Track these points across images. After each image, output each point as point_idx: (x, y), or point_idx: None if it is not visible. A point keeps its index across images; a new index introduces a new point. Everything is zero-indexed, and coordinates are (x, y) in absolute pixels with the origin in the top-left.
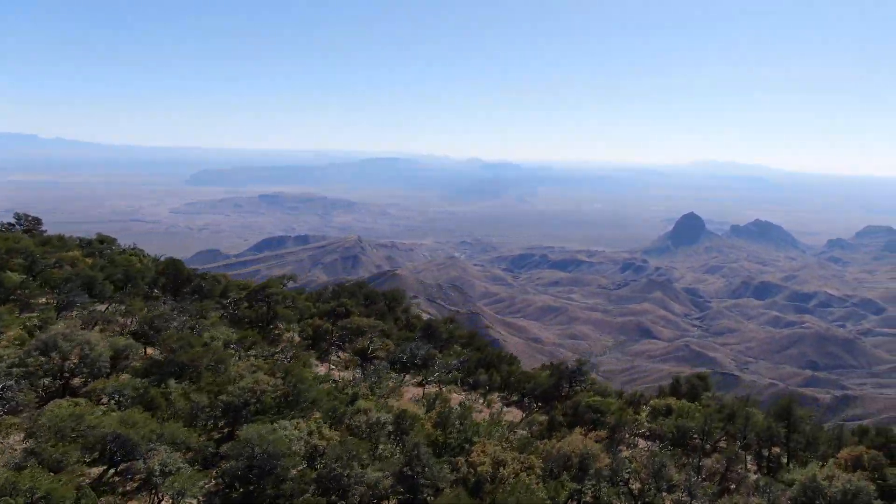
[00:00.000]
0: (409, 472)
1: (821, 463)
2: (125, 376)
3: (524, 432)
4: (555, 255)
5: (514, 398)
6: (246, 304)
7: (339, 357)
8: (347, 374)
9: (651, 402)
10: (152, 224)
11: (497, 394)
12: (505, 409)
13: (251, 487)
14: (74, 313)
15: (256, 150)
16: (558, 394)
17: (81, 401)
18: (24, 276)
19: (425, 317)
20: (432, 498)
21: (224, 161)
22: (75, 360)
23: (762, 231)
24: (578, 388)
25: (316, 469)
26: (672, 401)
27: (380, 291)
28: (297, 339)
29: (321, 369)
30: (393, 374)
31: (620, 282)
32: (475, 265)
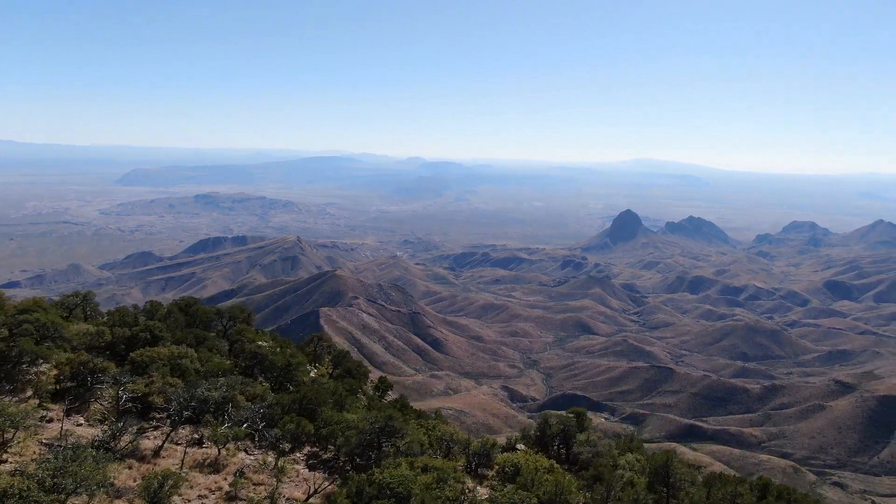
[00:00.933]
0: None
1: None
2: None
3: None
4: (496, 254)
5: (329, 454)
6: None
7: (102, 406)
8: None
9: (498, 458)
10: (80, 226)
11: (308, 449)
12: (308, 473)
13: None
14: None
15: (190, 149)
16: (378, 449)
17: None
18: None
19: (364, 316)
20: None
21: (157, 160)
22: None
23: (695, 227)
24: (391, 446)
25: None
26: (523, 457)
27: (216, 308)
28: (48, 382)
29: (65, 425)
30: (156, 431)
31: (560, 279)
32: (417, 264)
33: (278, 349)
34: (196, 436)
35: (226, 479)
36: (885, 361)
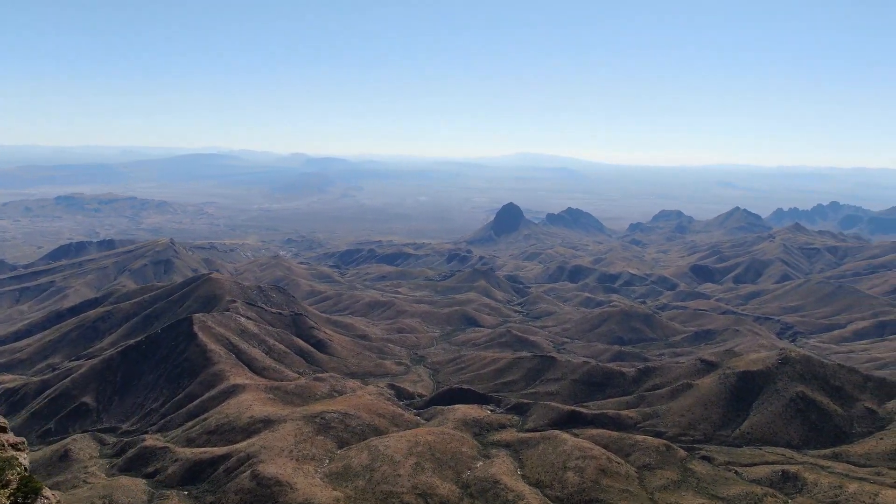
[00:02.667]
0: None
1: None
2: None
3: None
4: (382, 250)
5: None
6: None
7: None
8: None
9: None
10: None
11: None
12: None
13: None
14: None
15: (49, 148)
16: None
17: None
18: None
19: (243, 320)
20: None
21: (10, 159)
22: None
23: (574, 218)
24: None
25: None
26: None
27: None
28: None
29: None
30: None
31: (446, 273)
32: (301, 263)
33: None
34: None
35: None
36: (744, 338)
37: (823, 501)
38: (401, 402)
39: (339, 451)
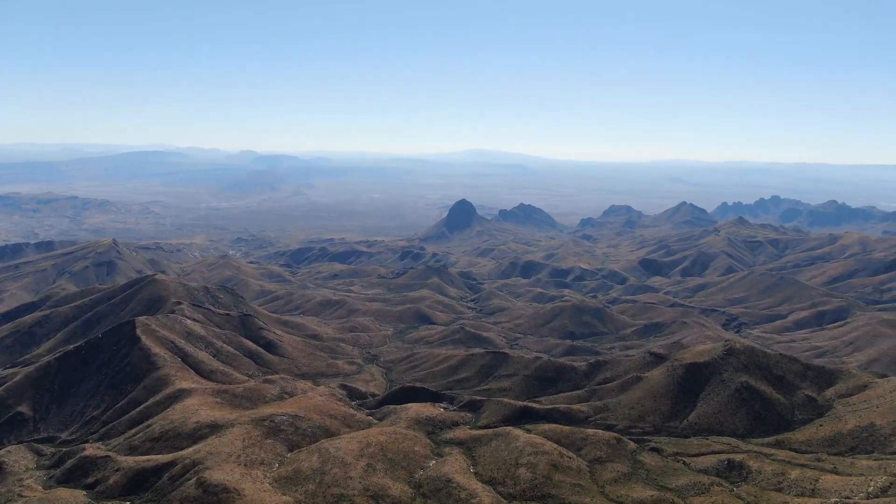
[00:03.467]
0: None
1: None
2: None
3: None
4: (335, 248)
5: None
6: None
7: None
8: None
9: None
10: None
11: None
12: None
13: None
14: None
15: None
16: None
17: None
18: None
19: (189, 322)
20: None
21: None
22: None
23: (526, 214)
24: None
25: None
26: None
27: None
28: None
29: None
30: None
31: (399, 270)
32: (251, 263)
33: None
34: None
35: None
36: (691, 330)
37: (767, 489)
38: (353, 403)
39: (289, 455)
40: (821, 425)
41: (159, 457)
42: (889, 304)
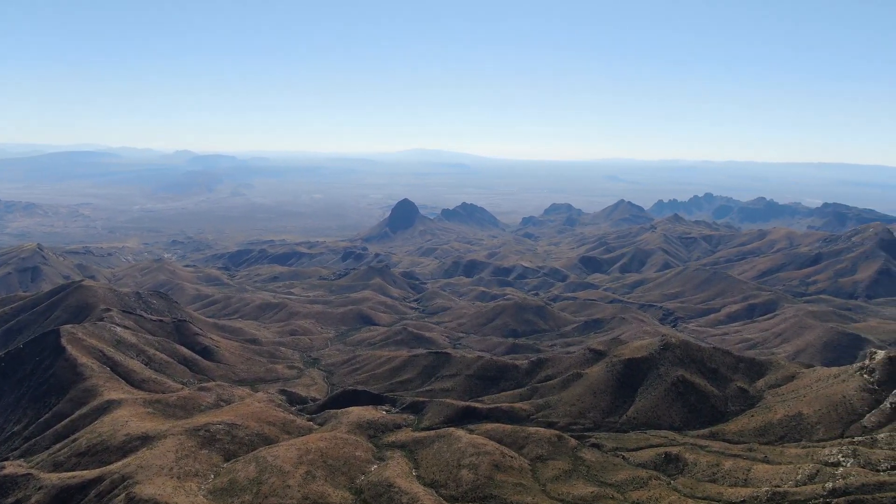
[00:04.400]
0: None
1: None
2: None
3: None
4: (274, 249)
5: None
6: None
7: None
8: None
9: None
10: None
11: None
12: None
13: None
14: None
15: None
16: None
17: None
18: None
19: (119, 330)
20: None
21: None
22: None
23: (469, 213)
24: None
25: None
26: None
27: None
28: None
29: None
30: None
31: (341, 271)
32: (187, 266)
33: None
34: None
35: None
36: (629, 326)
37: (702, 480)
38: (293, 408)
39: (225, 465)
40: (752, 416)
41: (86, 472)
42: (814, 296)
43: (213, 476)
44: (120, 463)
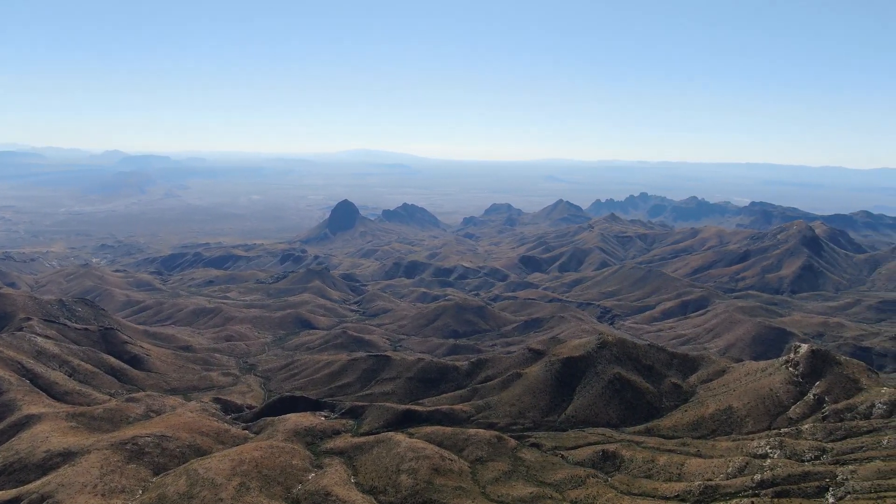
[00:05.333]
0: None
1: None
2: None
3: None
4: (210, 252)
5: None
6: None
7: None
8: None
9: None
10: None
11: None
12: None
13: None
14: None
15: None
16: None
17: None
18: None
19: (40, 340)
20: None
21: None
22: None
23: (410, 214)
24: None
25: None
26: None
27: None
28: None
29: None
30: None
31: (279, 274)
32: (117, 271)
33: None
34: None
35: None
36: (568, 325)
37: (638, 476)
38: (227, 417)
39: (154, 480)
40: (686, 411)
41: (2, 493)
42: (743, 291)
43: (140, 492)
44: (39, 482)
